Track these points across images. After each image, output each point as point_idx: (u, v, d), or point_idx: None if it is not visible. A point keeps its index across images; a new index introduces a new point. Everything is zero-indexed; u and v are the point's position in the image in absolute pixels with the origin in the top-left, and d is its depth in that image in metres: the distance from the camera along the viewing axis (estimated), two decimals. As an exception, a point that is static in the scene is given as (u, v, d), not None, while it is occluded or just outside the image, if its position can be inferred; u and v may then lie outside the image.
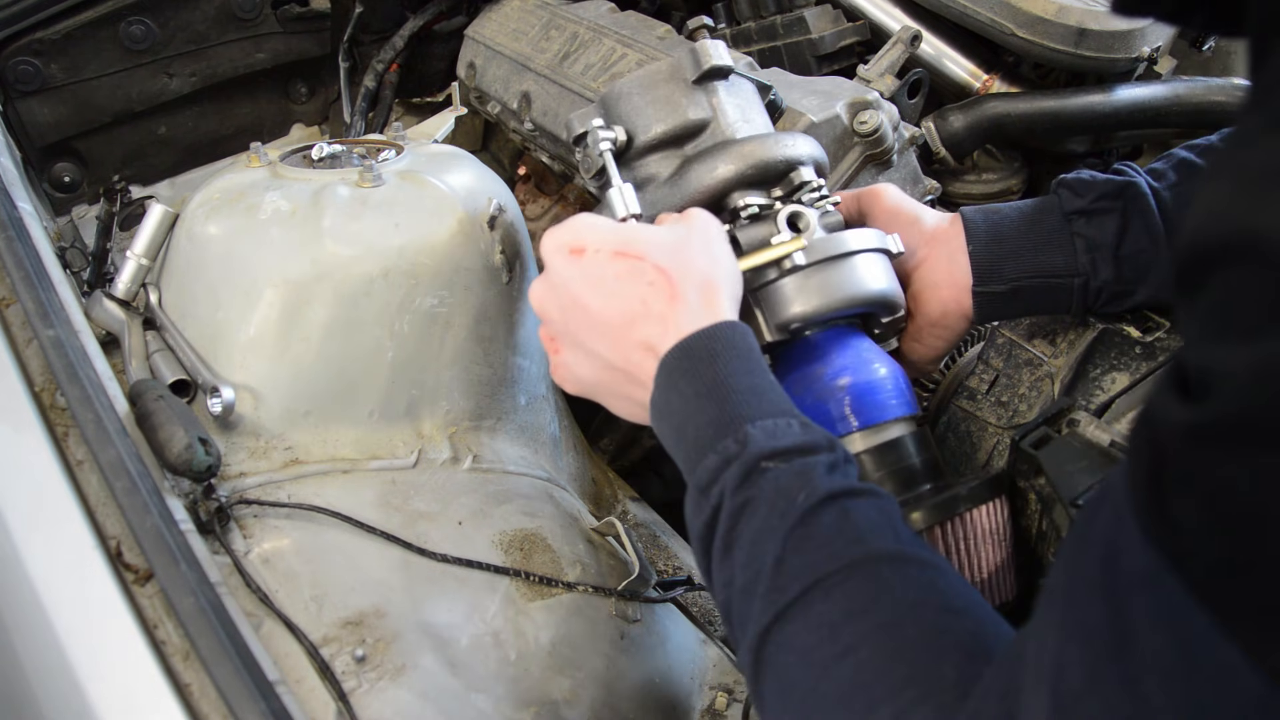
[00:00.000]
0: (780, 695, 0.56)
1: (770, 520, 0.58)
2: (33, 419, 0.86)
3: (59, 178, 1.67)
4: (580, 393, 0.79)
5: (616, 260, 0.71)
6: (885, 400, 0.80)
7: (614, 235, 0.73)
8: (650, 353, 0.69)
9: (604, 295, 0.71)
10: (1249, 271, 0.34)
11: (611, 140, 0.85)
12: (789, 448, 0.61)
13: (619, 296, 0.71)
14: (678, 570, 1.20)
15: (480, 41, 1.56)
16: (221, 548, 0.84)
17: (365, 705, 0.77)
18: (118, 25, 1.61)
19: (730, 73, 0.89)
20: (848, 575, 0.55)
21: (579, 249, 0.73)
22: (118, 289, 1.08)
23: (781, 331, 0.80)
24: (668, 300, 0.69)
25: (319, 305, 0.97)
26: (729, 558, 0.60)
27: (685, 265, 0.71)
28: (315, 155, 1.11)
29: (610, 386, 0.74)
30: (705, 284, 0.71)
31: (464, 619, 0.87)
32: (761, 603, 0.56)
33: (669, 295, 0.69)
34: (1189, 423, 0.36)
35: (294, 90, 1.87)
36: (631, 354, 0.71)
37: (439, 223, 1.02)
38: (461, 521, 0.95)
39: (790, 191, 0.83)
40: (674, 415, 0.67)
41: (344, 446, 0.98)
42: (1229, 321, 0.35)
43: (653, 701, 0.96)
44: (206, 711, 0.69)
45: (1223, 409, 0.35)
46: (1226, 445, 0.35)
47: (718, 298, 0.71)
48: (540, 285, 0.77)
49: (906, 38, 1.24)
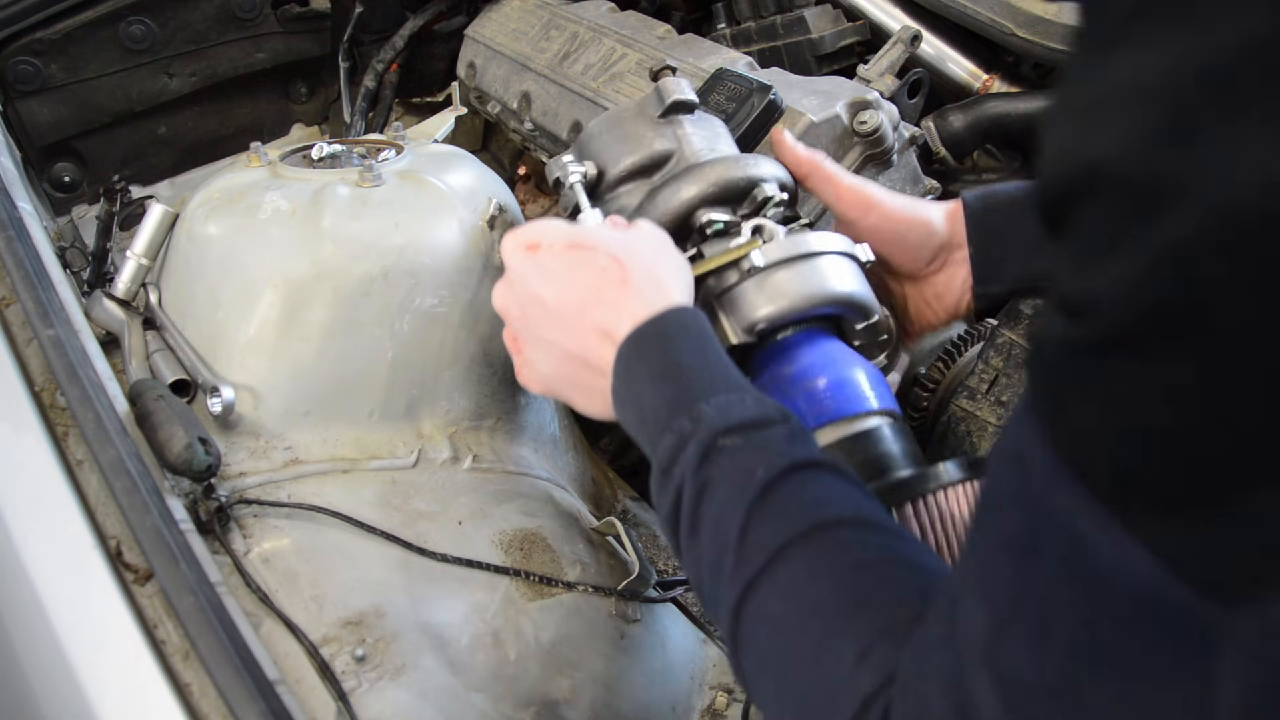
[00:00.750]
0: (759, 668, 0.57)
1: (731, 497, 0.59)
2: (33, 419, 0.86)
3: (59, 178, 1.67)
4: (545, 391, 0.79)
5: (569, 252, 0.74)
6: (857, 394, 0.79)
7: (567, 230, 0.76)
8: (606, 339, 0.71)
9: (558, 285, 0.73)
10: (1097, 200, 0.36)
11: (581, 174, 0.89)
12: (744, 422, 0.61)
13: (572, 285, 0.73)
14: (678, 570, 1.20)
15: (480, 41, 1.56)
16: (221, 547, 0.84)
17: (365, 705, 0.77)
18: (118, 25, 1.61)
19: (695, 107, 0.93)
20: (809, 539, 0.56)
21: (535, 245, 0.76)
22: (118, 289, 1.08)
23: (747, 334, 0.80)
24: (619, 285, 0.71)
25: (319, 305, 0.97)
26: (696, 539, 0.60)
27: (635, 254, 0.73)
28: (315, 155, 1.11)
29: (571, 378, 0.75)
30: (655, 271, 0.73)
31: (464, 619, 0.87)
32: (730, 580, 0.57)
33: (620, 280, 0.71)
34: (1073, 341, 0.39)
35: (294, 90, 1.87)
36: (587, 339, 0.72)
37: (439, 223, 1.02)
38: (461, 521, 0.95)
39: (755, 209, 0.85)
40: (633, 400, 0.68)
41: (344, 446, 0.98)
42: (1091, 249, 0.37)
43: (653, 701, 0.96)
44: (206, 711, 0.69)
45: (1100, 326, 0.37)
46: (1108, 357, 0.37)
47: (668, 283, 0.72)
48: (500, 286, 0.79)
49: (906, 38, 1.24)
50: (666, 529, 0.64)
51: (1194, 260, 0.34)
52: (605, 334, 0.71)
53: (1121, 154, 0.35)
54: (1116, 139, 0.35)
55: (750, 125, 1.04)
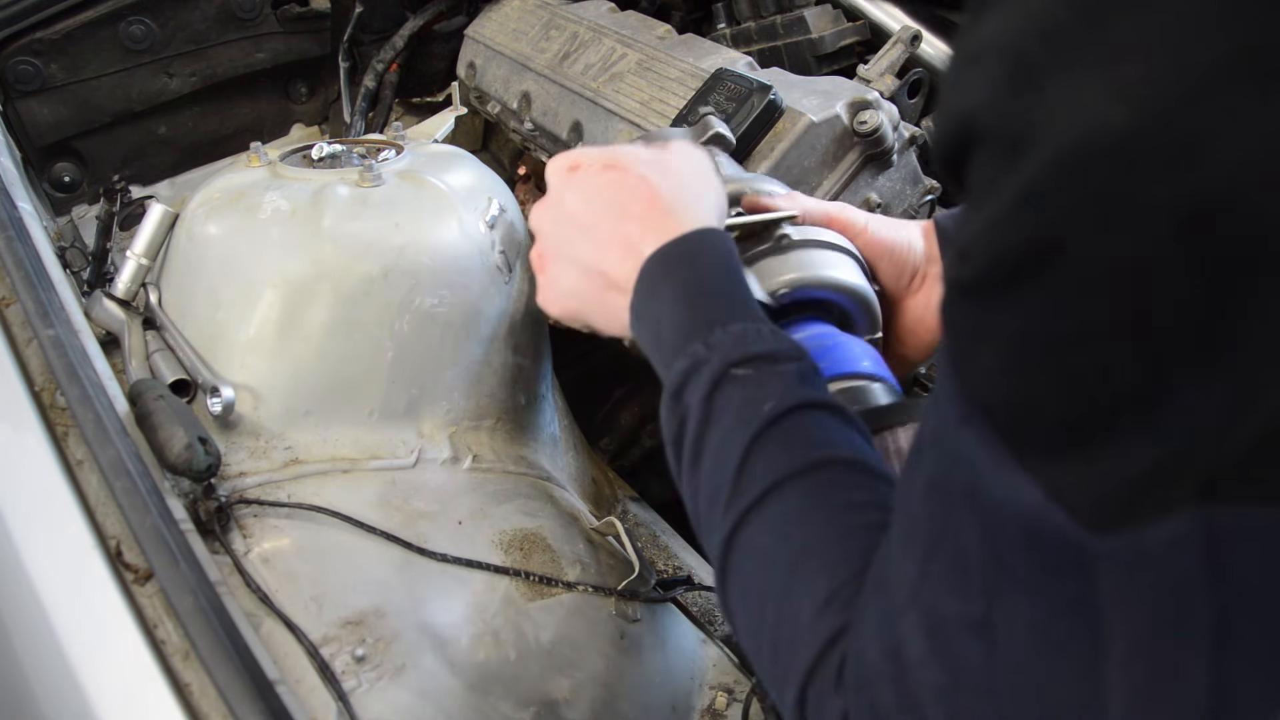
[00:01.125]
0: (740, 598, 0.57)
1: (736, 428, 0.58)
2: (33, 419, 0.86)
3: (59, 178, 1.67)
4: (563, 312, 0.79)
5: (604, 172, 0.75)
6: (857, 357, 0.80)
7: (605, 152, 0.77)
8: (630, 254, 0.71)
9: (587, 201, 0.75)
10: (977, 151, 0.39)
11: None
12: (758, 354, 0.61)
13: (601, 200, 0.74)
14: (678, 570, 1.20)
15: (480, 41, 1.56)
16: (221, 547, 0.84)
17: (365, 705, 0.77)
18: (118, 25, 1.61)
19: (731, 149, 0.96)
20: (804, 475, 0.56)
21: (575, 166, 0.77)
22: (118, 289, 1.08)
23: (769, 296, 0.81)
24: (646, 203, 0.72)
25: (319, 305, 0.97)
26: (697, 466, 0.60)
27: (666, 174, 0.74)
28: (315, 155, 1.11)
29: (590, 295, 0.75)
30: (685, 192, 0.73)
31: (464, 619, 0.87)
32: (724, 510, 0.57)
33: (648, 199, 0.72)
34: (959, 284, 0.41)
35: (294, 90, 1.87)
36: (609, 253, 0.72)
37: (439, 223, 1.02)
38: (461, 521, 0.95)
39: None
40: (652, 319, 0.68)
41: (344, 446, 0.98)
42: (973, 198, 0.40)
43: (653, 701, 0.96)
44: (206, 711, 0.69)
45: (973, 269, 0.40)
46: (984, 298, 0.40)
47: (697, 205, 0.73)
48: (539, 204, 0.80)
49: (906, 38, 1.24)
50: (671, 453, 0.63)
51: (1044, 199, 0.36)
52: (630, 249, 0.70)
53: (985, 105, 0.38)
54: (980, 92, 0.38)
55: (750, 125, 1.04)
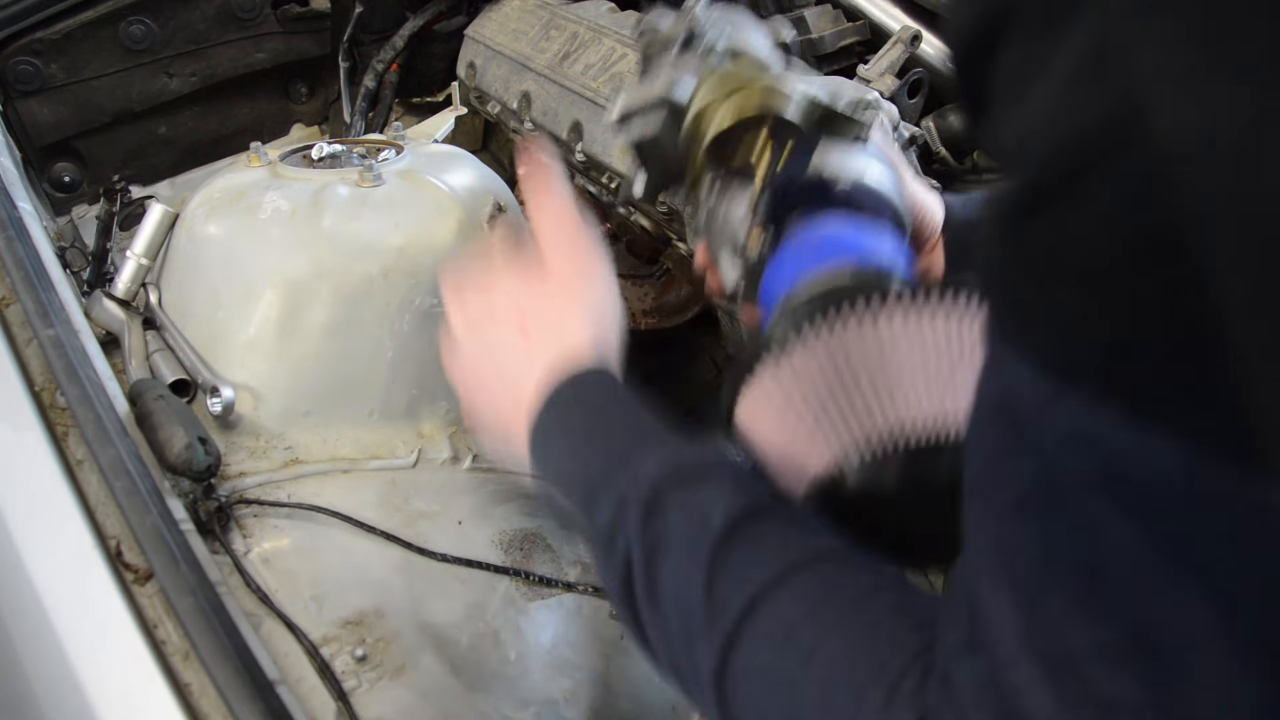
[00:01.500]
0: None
1: (688, 550, 0.52)
2: (33, 419, 0.86)
3: (59, 178, 1.67)
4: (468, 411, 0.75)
5: (473, 329, 0.73)
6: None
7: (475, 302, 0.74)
8: (518, 409, 0.66)
9: (474, 356, 0.72)
10: (1007, 44, 0.34)
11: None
12: (686, 472, 0.56)
13: (482, 355, 0.71)
14: (678, 570, 1.20)
15: (480, 41, 1.56)
16: (221, 547, 0.84)
17: (365, 705, 0.77)
18: (118, 25, 1.61)
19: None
20: (787, 580, 0.50)
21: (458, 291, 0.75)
22: (118, 289, 1.08)
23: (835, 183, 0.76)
24: (521, 351, 0.67)
25: (319, 305, 0.97)
26: (656, 605, 0.53)
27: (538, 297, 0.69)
28: (315, 155, 1.11)
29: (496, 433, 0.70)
30: (559, 326, 0.67)
31: (464, 619, 0.87)
32: (705, 639, 0.50)
33: (521, 347, 0.67)
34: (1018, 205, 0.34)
35: (294, 90, 1.87)
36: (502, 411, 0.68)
37: (439, 223, 1.02)
38: (461, 521, 0.95)
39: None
40: (560, 473, 0.63)
41: (344, 446, 0.98)
42: (1011, 94, 0.34)
43: (652, 701, 0.96)
44: (206, 711, 0.69)
45: (1033, 169, 0.33)
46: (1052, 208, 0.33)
47: (574, 321, 0.67)
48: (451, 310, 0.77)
49: (906, 38, 1.24)
50: (621, 608, 0.56)
51: (1108, 63, 0.30)
52: (518, 406, 0.65)
53: None
54: None
55: (750, 125, 1.03)
